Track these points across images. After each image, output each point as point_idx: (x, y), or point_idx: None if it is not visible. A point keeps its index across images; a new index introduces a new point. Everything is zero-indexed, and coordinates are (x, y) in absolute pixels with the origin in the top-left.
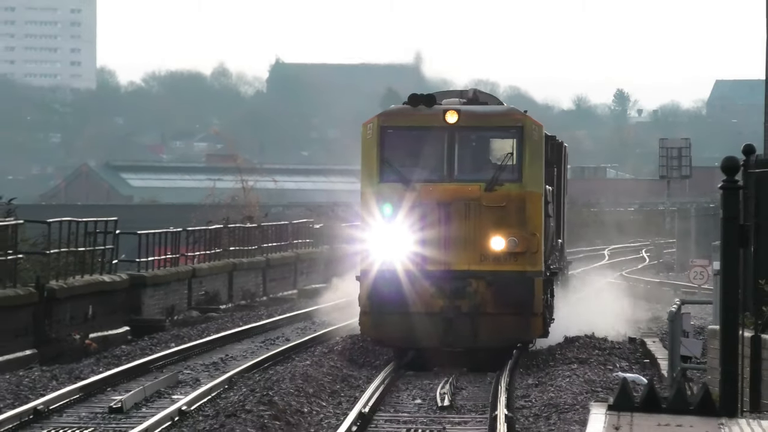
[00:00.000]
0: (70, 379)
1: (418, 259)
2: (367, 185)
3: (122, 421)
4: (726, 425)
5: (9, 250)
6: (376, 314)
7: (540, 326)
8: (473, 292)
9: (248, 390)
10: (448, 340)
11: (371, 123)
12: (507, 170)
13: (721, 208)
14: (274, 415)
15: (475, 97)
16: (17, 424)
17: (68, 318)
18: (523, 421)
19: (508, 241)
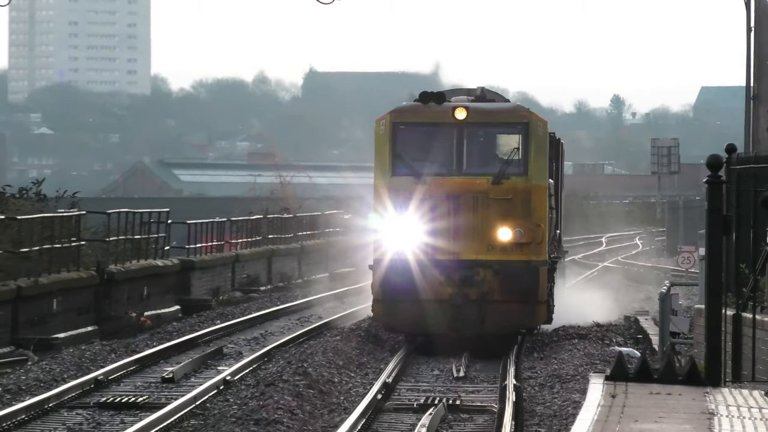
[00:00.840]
0: (126, 353)
1: (429, 248)
2: (380, 178)
3: (173, 390)
4: (710, 394)
5: (73, 238)
6: (388, 301)
7: (544, 313)
8: (481, 281)
9: (285, 362)
10: (457, 326)
11: (384, 119)
12: (513, 164)
13: (706, 200)
14: (308, 384)
15: (483, 95)
16: (80, 392)
17: (125, 298)
18: (530, 390)
19: (515, 231)
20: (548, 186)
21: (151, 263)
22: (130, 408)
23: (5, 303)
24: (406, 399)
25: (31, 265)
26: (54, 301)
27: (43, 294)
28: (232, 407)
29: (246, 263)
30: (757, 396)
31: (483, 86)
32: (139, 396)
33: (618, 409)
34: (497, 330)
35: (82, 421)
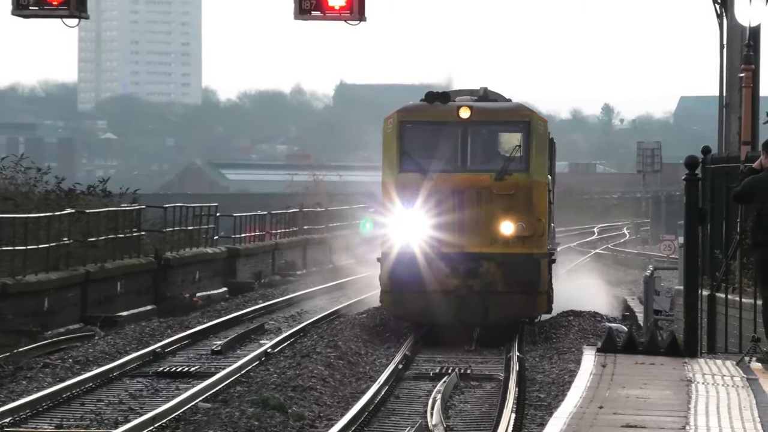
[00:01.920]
0: (180, 328)
1: (435, 242)
2: (388, 175)
3: (221, 361)
4: (688, 363)
5: (134, 229)
6: (396, 292)
7: (545, 303)
8: (485, 273)
9: (318, 336)
10: (462, 316)
11: (391, 118)
12: (515, 161)
13: (684, 195)
14: (338, 356)
15: (486, 95)
16: (140, 363)
17: (180, 281)
18: (531, 360)
19: (517, 225)
20: (548, 182)
21: (202, 251)
22: (184, 377)
23: (76, 285)
24: (424, 369)
25: (98, 253)
26: (118, 283)
27: (109, 278)
28: (272, 376)
29: (284, 251)
30: (729, 365)
31: (485, 87)
32: (192, 366)
33: (608, 377)
34: (500, 319)
35: (142, 388)
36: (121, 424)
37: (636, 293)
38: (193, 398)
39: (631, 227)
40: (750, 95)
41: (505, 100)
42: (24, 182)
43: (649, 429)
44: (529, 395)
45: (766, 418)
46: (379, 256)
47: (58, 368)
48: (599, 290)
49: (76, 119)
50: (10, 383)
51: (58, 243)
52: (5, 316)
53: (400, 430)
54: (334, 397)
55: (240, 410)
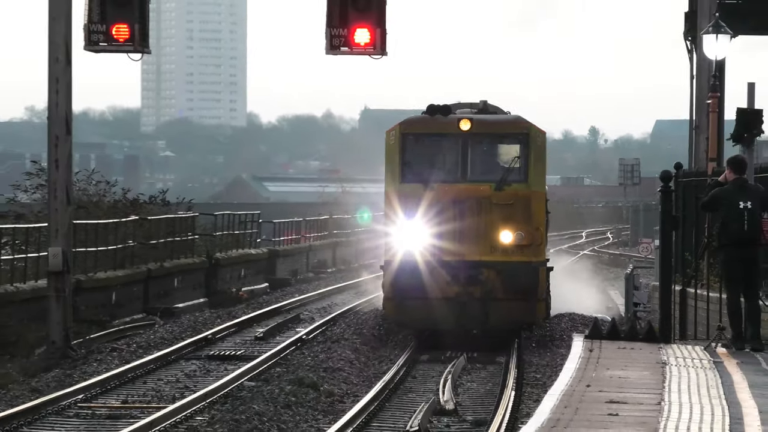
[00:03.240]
0: (228, 318)
1: (436, 250)
2: (390, 185)
3: (263, 345)
4: (663, 348)
5: (189, 233)
6: (398, 299)
7: (543, 310)
8: (485, 280)
9: (346, 325)
10: (463, 322)
11: (394, 130)
12: (514, 172)
13: (660, 204)
14: (363, 341)
15: (485, 108)
16: (194, 347)
17: (228, 277)
18: (528, 346)
19: (516, 234)
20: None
21: (246, 252)
22: (231, 359)
23: (139, 281)
24: (436, 354)
25: (158, 253)
26: (175, 279)
27: (167, 274)
28: (306, 358)
29: (317, 251)
30: (698, 350)
31: (485, 100)
32: (238, 350)
33: (594, 360)
34: (500, 325)
35: (195, 369)
36: (178, 399)
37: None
38: (239, 378)
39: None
40: (716, 119)
41: (504, 113)
42: (95, 193)
43: (630, 404)
44: (527, 376)
45: (731, 395)
46: (382, 263)
47: (124, 352)
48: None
49: (139, 139)
50: (83, 365)
51: (124, 245)
52: (79, 308)
53: (416, 405)
54: (360, 377)
55: (279, 388)
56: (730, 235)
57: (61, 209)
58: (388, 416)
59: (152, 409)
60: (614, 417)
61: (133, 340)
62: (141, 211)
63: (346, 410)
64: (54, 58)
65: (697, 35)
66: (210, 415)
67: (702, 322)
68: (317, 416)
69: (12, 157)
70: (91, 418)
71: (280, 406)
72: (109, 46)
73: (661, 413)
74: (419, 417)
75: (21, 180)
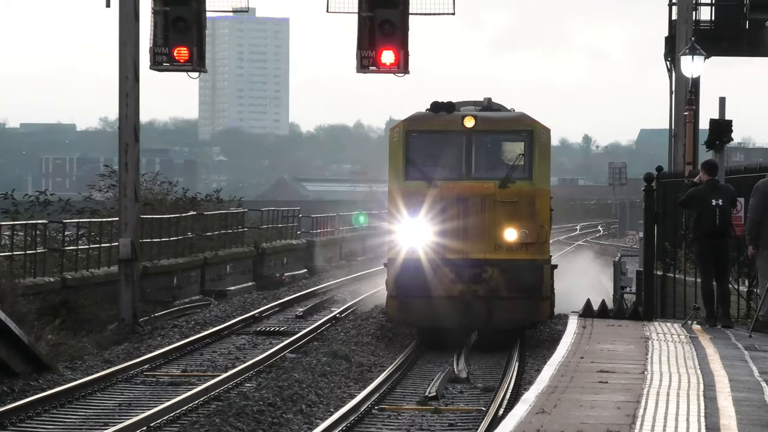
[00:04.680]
0: (273, 299)
1: (439, 248)
2: (394, 183)
3: (302, 323)
4: (646, 325)
5: (239, 226)
6: (401, 298)
7: (547, 308)
8: (489, 278)
9: (374, 306)
10: (466, 321)
11: (397, 128)
12: (518, 169)
13: (643, 201)
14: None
15: (489, 105)
16: (243, 324)
17: (273, 264)
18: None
19: (520, 232)
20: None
21: (289, 242)
22: (276, 334)
23: (197, 267)
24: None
25: (213, 244)
26: (227, 266)
27: (220, 262)
28: (339, 333)
29: (348, 242)
30: (676, 327)
31: (489, 97)
32: (281, 326)
33: (587, 335)
34: (504, 324)
35: (245, 342)
36: (230, 368)
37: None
38: (282, 350)
39: (604, 225)
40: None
41: (508, 111)
42: (159, 192)
43: (618, 373)
44: (529, 350)
45: (704, 366)
46: (385, 261)
47: (183, 328)
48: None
49: (197, 146)
50: (149, 339)
51: (183, 236)
52: (145, 290)
53: (433, 374)
54: (386, 350)
55: (316, 359)
56: (704, 228)
57: (130, 206)
58: (410, 383)
59: (208, 376)
60: (604, 384)
61: (191, 318)
62: (198, 207)
63: (374, 378)
64: (124, 77)
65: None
66: (257, 382)
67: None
68: (349, 383)
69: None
70: (155, 384)
71: (317, 375)
72: (171, 66)
73: (644, 381)
74: (437, 384)
75: (96, 181)
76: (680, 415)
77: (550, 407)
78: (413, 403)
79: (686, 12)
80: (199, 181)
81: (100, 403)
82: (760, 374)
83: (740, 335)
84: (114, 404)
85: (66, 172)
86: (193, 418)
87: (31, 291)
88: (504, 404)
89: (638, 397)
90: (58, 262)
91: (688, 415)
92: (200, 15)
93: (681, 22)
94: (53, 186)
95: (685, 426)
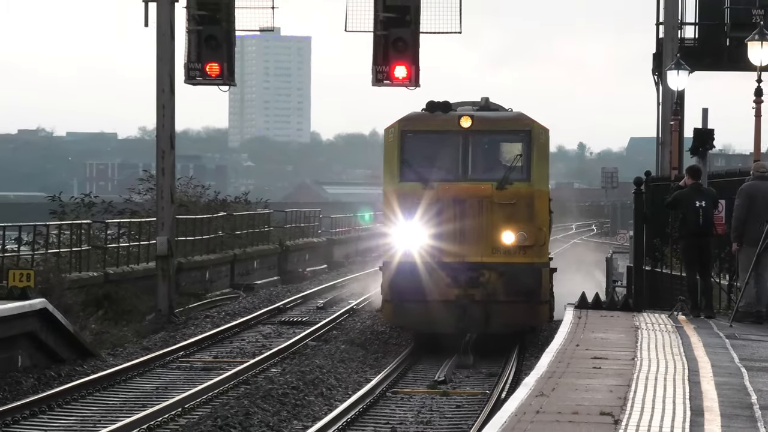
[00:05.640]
0: (296, 292)
1: (435, 251)
2: (389, 184)
3: (323, 314)
4: (636, 316)
5: (265, 225)
6: (396, 302)
7: (546, 312)
8: (486, 282)
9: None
10: (463, 325)
11: (392, 128)
12: (516, 170)
13: (633, 203)
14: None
15: (487, 105)
16: (269, 315)
17: (295, 260)
18: None
19: (518, 235)
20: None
21: (310, 240)
22: (299, 324)
23: (227, 263)
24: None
25: (241, 241)
26: (254, 262)
27: (248, 258)
28: (356, 323)
29: (364, 240)
30: (663, 318)
31: (487, 97)
32: (303, 317)
33: (582, 325)
34: (502, 329)
35: (271, 331)
36: (257, 355)
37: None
38: (304, 338)
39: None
40: (677, 136)
41: (506, 110)
42: (192, 194)
43: (610, 359)
44: (530, 339)
45: (689, 352)
46: (380, 265)
47: (215, 318)
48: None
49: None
50: (183, 328)
51: (215, 235)
52: (180, 284)
53: (442, 360)
54: (399, 339)
55: (335, 347)
56: (689, 228)
57: (166, 207)
58: (420, 369)
59: (237, 362)
60: (598, 369)
61: (222, 309)
62: (228, 208)
63: (388, 364)
64: (161, 90)
65: (663, 71)
66: (282, 368)
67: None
68: (365, 369)
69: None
70: (189, 369)
71: (336, 361)
72: (203, 80)
73: (634, 367)
74: (445, 370)
75: (135, 185)
76: (667, 398)
77: (549, 390)
78: (423, 387)
79: (672, 31)
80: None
81: (139, 387)
82: (740, 361)
83: (722, 325)
84: (152, 387)
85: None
86: (224, 400)
87: (76, 285)
88: (506, 388)
89: (629, 381)
90: (101, 259)
91: (675, 397)
92: (230, 34)
93: (667, 40)
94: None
95: (671, 408)
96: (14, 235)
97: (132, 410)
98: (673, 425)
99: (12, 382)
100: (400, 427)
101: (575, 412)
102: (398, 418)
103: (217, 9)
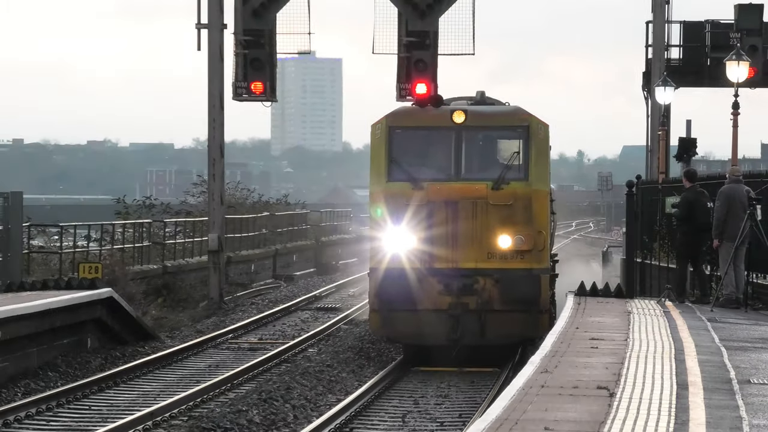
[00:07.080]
0: (330, 282)
1: (426, 257)
2: (376, 184)
3: (354, 300)
4: (629, 302)
5: (303, 224)
6: (384, 311)
7: (546, 322)
8: (480, 290)
9: None
10: (455, 337)
11: (380, 123)
12: (513, 169)
13: (626, 203)
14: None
15: (483, 100)
16: (307, 302)
17: (330, 254)
18: None
19: (515, 239)
20: (550, 191)
21: (343, 236)
22: (332, 310)
23: (270, 257)
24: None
25: (282, 238)
26: (294, 256)
27: (288, 252)
28: None
29: None
30: (653, 303)
31: (483, 91)
32: (337, 303)
33: (581, 310)
34: (498, 340)
35: (308, 316)
36: (297, 337)
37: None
38: (338, 322)
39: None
40: (664, 145)
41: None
42: (239, 197)
43: (606, 340)
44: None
45: (675, 334)
46: (367, 271)
47: (259, 305)
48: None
49: (270, 160)
50: (232, 314)
51: (259, 232)
52: (229, 275)
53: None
54: None
55: (365, 329)
56: (698, 225)
57: (217, 208)
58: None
59: (279, 343)
60: (595, 349)
61: (265, 297)
62: (271, 209)
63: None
64: (212, 105)
65: (651, 87)
66: (318, 348)
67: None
68: (391, 349)
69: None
70: (237, 349)
71: (365, 342)
72: (249, 97)
73: (627, 347)
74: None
75: (190, 189)
76: (656, 374)
77: (552, 368)
78: (442, 365)
79: (659, 52)
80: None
81: (193, 365)
82: (720, 341)
83: (704, 309)
84: (205, 365)
85: (166, 182)
86: (267, 376)
87: (138, 276)
88: (514, 366)
89: (622, 359)
90: (160, 253)
91: (663, 373)
92: (272, 56)
93: (655, 60)
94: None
95: (660, 382)
96: (84, 233)
97: (188, 385)
98: (661, 397)
99: (82, 361)
100: (422, 400)
101: (575, 386)
102: (420, 392)
103: (260, 35)
